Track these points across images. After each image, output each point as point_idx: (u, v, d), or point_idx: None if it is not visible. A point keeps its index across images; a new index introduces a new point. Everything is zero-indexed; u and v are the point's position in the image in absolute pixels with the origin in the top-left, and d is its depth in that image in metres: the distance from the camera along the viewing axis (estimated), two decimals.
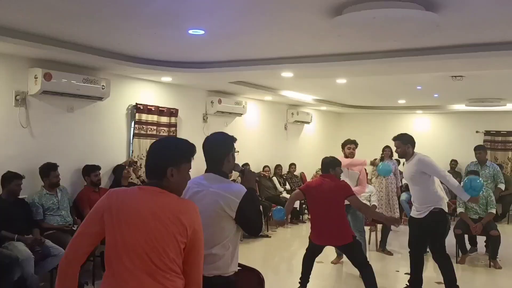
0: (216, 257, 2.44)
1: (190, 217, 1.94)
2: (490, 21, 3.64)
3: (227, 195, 2.43)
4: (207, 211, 2.43)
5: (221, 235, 2.45)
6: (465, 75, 6.33)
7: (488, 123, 10.91)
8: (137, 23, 3.94)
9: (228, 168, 2.60)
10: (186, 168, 2.04)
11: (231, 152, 2.62)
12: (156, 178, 1.99)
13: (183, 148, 2.06)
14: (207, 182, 2.54)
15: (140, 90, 6.62)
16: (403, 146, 4.80)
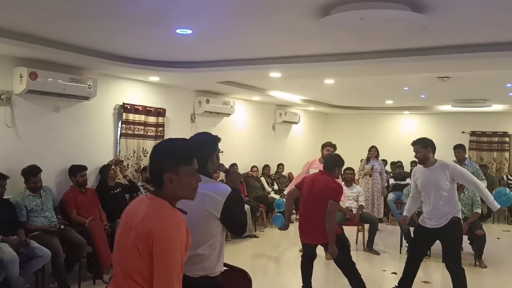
0: (202, 257, 2.43)
1: (155, 223, 1.81)
2: (476, 22, 3.68)
3: (212, 195, 2.42)
4: (192, 211, 2.40)
5: (207, 235, 2.44)
6: (451, 76, 6.40)
7: (474, 124, 11.05)
8: (123, 22, 3.91)
9: (212, 168, 2.60)
10: (186, 171, 1.92)
11: (215, 152, 2.62)
12: (156, 185, 1.92)
13: (179, 149, 1.95)
14: None
15: (127, 90, 6.57)
16: (423, 151, 4.47)
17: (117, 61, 5.32)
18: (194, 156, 1.96)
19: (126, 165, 6.36)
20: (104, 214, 5.61)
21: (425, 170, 4.51)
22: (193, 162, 1.95)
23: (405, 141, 12.38)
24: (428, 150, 4.48)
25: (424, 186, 4.52)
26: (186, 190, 1.96)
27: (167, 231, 1.81)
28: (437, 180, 4.40)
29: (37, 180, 5.00)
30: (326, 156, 4.73)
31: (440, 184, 4.39)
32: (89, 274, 5.28)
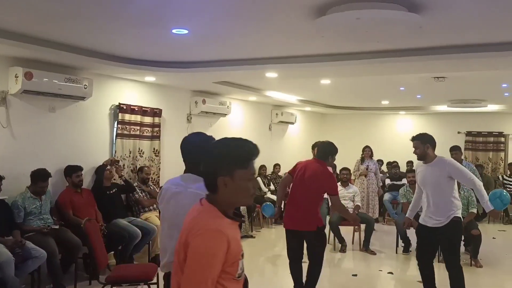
0: None
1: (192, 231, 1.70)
2: (472, 23, 3.69)
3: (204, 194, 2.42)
4: (186, 211, 2.40)
5: None
6: (447, 76, 6.42)
7: (470, 124, 11.09)
8: (119, 22, 3.90)
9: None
10: (242, 175, 1.73)
11: None
12: (209, 190, 1.78)
13: (235, 151, 1.75)
14: (185, 182, 2.52)
15: (123, 90, 6.55)
16: (421, 146, 4.43)
17: (113, 61, 5.30)
18: (251, 159, 1.76)
19: (122, 165, 6.34)
20: (100, 215, 5.59)
21: (425, 166, 4.44)
22: (249, 165, 1.76)
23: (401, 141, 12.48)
24: (427, 146, 4.42)
25: (423, 183, 4.47)
26: (242, 195, 1.77)
27: (199, 239, 1.65)
28: (436, 177, 4.34)
29: (44, 185, 5.01)
30: (320, 144, 4.69)
31: (439, 180, 4.31)
32: (85, 274, 5.26)
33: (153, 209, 6.25)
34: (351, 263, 6.61)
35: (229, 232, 1.69)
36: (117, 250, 5.55)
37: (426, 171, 4.42)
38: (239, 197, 1.76)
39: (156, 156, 6.95)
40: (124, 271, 4.43)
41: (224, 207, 1.76)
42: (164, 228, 2.60)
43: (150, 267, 4.48)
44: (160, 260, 2.60)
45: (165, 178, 6.81)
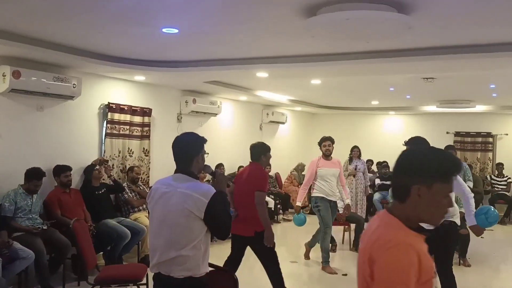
0: (186, 258, 2.42)
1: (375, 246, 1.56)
2: (461, 23, 3.72)
3: (195, 195, 2.41)
4: (175, 211, 2.43)
5: (190, 236, 2.43)
6: (436, 77, 6.46)
7: (458, 124, 11.18)
8: (109, 20, 3.87)
9: (197, 169, 2.59)
10: (441, 189, 1.55)
11: (201, 153, 2.61)
12: (398, 197, 1.62)
13: (438, 162, 1.57)
14: (175, 182, 2.52)
15: (113, 89, 6.50)
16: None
17: (102, 60, 5.26)
18: (453, 174, 1.59)
19: (111, 165, 6.30)
20: (88, 215, 5.55)
21: None
22: (450, 181, 1.57)
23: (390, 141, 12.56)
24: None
25: None
26: (434, 211, 1.58)
27: (388, 254, 1.50)
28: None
29: (39, 183, 5.01)
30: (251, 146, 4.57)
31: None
32: (74, 275, 5.22)
33: (143, 209, 6.22)
34: (341, 262, 6.62)
35: (419, 246, 1.55)
36: (106, 251, 5.51)
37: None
38: (429, 212, 1.58)
39: (146, 156, 6.91)
40: (113, 271, 4.41)
41: (408, 218, 1.59)
42: (153, 228, 2.58)
43: (139, 267, 4.46)
44: (150, 261, 2.58)
45: (154, 178, 6.77)
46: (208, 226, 2.45)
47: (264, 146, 4.55)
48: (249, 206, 4.27)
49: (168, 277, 2.44)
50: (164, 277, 2.45)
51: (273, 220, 9.22)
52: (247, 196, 4.27)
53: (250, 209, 4.26)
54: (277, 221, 9.32)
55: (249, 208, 4.27)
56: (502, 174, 10.29)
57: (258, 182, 4.31)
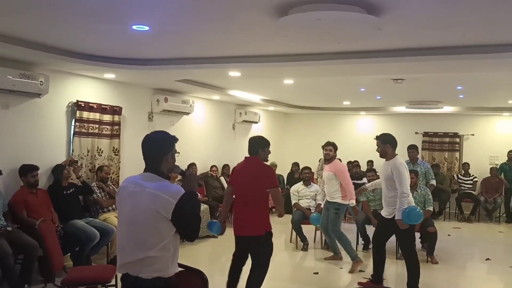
0: (155, 259, 2.38)
1: None
2: (428, 26, 3.80)
3: (163, 196, 2.37)
4: (143, 212, 2.39)
5: (158, 236, 2.39)
6: (405, 78, 6.59)
7: (426, 125, 11.44)
8: (77, 16, 3.78)
9: (166, 168, 2.54)
10: None
11: (170, 152, 2.56)
12: None
13: None
14: (144, 181, 2.48)
15: (82, 87, 6.36)
16: (382, 145, 4.93)
17: (70, 57, 5.14)
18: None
19: (79, 165, 6.17)
20: (56, 215, 5.42)
21: (384, 163, 4.99)
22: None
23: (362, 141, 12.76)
24: (387, 145, 4.91)
25: (380, 176, 5.11)
26: None
27: None
28: (385, 174, 4.88)
29: None
30: (249, 140, 4.47)
31: (387, 178, 4.83)
32: (40, 277, 5.09)
33: (112, 210, 6.11)
34: (313, 261, 6.68)
35: None
36: (74, 252, 5.40)
37: (383, 168, 4.97)
38: None
39: (116, 155, 6.79)
40: (81, 273, 4.33)
41: None
42: (121, 228, 2.55)
43: (108, 268, 4.38)
44: (117, 261, 2.54)
45: (125, 177, 6.64)
46: (176, 228, 2.41)
47: (263, 139, 4.45)
48: (258, 204, 4.23)
49: (136, 278, 2.40)
50: (132, 278, 2.41)
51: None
52: (256, 194, 4.19)
53: (259, 207, 4.22)
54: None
55: (258, 207, 4.22)
56: (468, 174, 10.58)
57: (271, 178, 4.29)
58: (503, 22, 3.60)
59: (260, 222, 4.25)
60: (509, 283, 5.95)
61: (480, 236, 8.84)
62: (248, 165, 4.39)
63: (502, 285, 5.91)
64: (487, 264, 6.53)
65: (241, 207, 4.34)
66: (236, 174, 4.52)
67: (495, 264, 6.53)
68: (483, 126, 11.03)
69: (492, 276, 6.12)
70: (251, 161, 4.39)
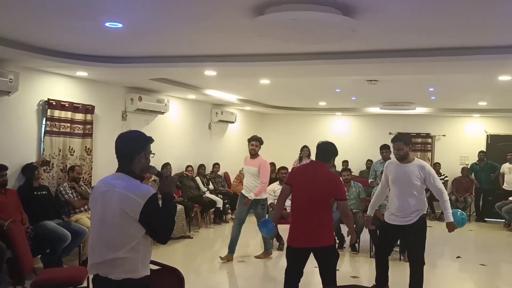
0: (124, 260, 2.34)
1: None
2: (402, 28, 3.86)
3: (131, 196, 2.32)
4: (111, 212, 2.35)
5: (127, 237, 2.34)
6: (379, 79, 6.68)
7: (400, 125, 11.62)
8: (49, 13, 3.68)
9: (138, 168, 2.48)
10: None
11: (143, 151, 2.50)
12: None
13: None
14: (114, 181, 2.43)
15: (53, 85, 6.21)
16: (405, 148, 4.46)
17: (41, 54, 5.01)
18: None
19: (51, 164, 6.03)
20: (26, 216, 5.28)
21: (400, 165, 4.52)
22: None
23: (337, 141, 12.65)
24: (409, 147, 4.51)
25: (395, 181, 4.55)
26: None
27: None
28: (408, 177, 4.44)
29: None
30: (321, 144, 4.11)
31: (412, 182, 4.43)
32: (9, 279, 4.95)
33: (84, 210, 5.99)
34: None
35: None
36: (44, 254, 5.27)
37: (402, 170, 4.49)
38: None
39: (88, 155, 6.66)
40: (52, 275, 4.23)
41: None
42: (93, 228, 2.51)
43: (80, 270, 4.30)
44: (88, 261, 2.50)
45: (97, 178, 6.55)
46: (145, 229, 2.36)
47: (336, 148, 4.11)
48: (324, 212, 3.88)
49: (106, 278, 2.36)
50: (102, 279, 2.37)
51: (221, 220, 9.19)
52: (322, 202, 3.87)
53: (324, 216, 3.88)
54: (225, 221, 9.30)
55: (324, 215, 3.88)
56: (440, 173, 10.80)
57: (341, 190, 3.99)
58: (473, 26, 3.69)
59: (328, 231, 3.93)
60: (479, 280, 6.10)
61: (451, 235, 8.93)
62: (316, 170, 4.01)
63: (472, 283, 6.05)
64: (458, 262, 6.67)
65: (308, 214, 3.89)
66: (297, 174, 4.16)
67: (465, 262, 6.68)
68: (454, 127, 11.29)
69: (463, 274, 6.26)
70: (320, 167, 4.02)
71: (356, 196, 7.27)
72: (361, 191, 7.32)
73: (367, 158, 11.20)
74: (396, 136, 4.75)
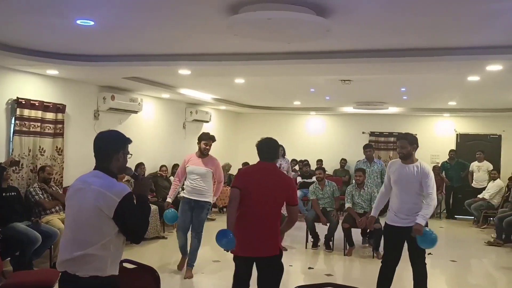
0: (93, 257, 2.36)
1: None
2: (374, 29, 3.91)
3: (107, 193, 2.36)
4: (86, 209, 2.38)
5: (99, 234, 2.36)
6: (353, 79, 6.77)
7: (373, 125, 11.83)
8: (17, 9, 3.58)
9: (116, 167, 2.53)
10: None
11: (121, 151, 2.54)
12: None
13: None
14: (91, 179, 2.47)
15: (22, 83, 6.05)
16: (409, 147, 4.37)
17: (10, 52, 4.88)
18: None
19: (20, 165, 5.87)
20: None
21: (403, 165, 4.42)
22: None
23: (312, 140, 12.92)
24: (413, 147, 4.40)
25: (397, 181, 4.44)
26: None
27: None
28: (409, 178, 4.34)
29: None
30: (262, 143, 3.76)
31: (413, 183, 4.33)
32: None
33: (56, 211, 5.85)
34: None
35: None
36: (14, 256, 5.13)
37: (404, 171, 4.39)
38: None
39: (59, 155, 6.51)
40: (22, 278, 4.14)
41: None
42: (67, 225, 2.54)
43: (50, 273, 4.22)
44: (57, 258, 2.51)
45: (69, 178, 6.42)
46: (118, 227, 2.39)
47: (277, 142, 3.80)
48: (273, 219, 3.55)
49: (74, 276, 2.36)
50: (70, 276, 2.37)
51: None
52: (273, 207, 3.54)
53: (273, 224, 3.55)
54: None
55: (272, 222, 3.55)
56: None
57: (296, 194, 3.69)
58: (442, 27, 3.77)
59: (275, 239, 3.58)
60: (450, 276, 6.25)
61: None
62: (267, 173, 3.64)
63: (443, 278, 6.19)
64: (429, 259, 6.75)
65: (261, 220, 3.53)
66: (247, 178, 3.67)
67: (436, 258, 6.82)
68: (425, 126, 11.54)
69: (434, 270, 6.38)
70: (271, 168, 3.68)
71: (330, 195, 7.34)
72: (335, 190, 7.40)
73: (341, 157, 11.35)
74: (402, 134, 4.68)
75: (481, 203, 9.56)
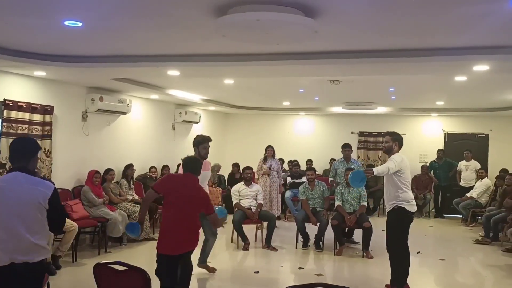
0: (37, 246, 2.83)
1: None
2: (363, 30, 3.94)
3: (41, 189, 2.86)
4: (27, 204, 2.81)
5: (42, 225, 2.87)
6: (341, 80, 6.80)
7: (362, 125, 11.90)
8: (4, 10, 3.54)
9: (33, 168, 2.99)
10: None
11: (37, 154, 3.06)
12: None
13: None
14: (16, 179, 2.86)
15: (9, 85, 5.98)
16: (391, 142, 5.06)
17: None
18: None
19: (7, 167, 5.79)
20: None
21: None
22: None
23: (301, 140, 12.95)
24: (395, 143, 5.07)
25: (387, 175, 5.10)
26: None
27: None
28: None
29: None
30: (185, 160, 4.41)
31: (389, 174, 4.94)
32: None
33: None
34: (253, 260, 6.72)
35: None
36: None
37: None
38: None
39: (48, 157, 6.45)
40: None
41: None
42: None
43: None
44: None
45: (57, 179, 6.36)
46: (48, 217, 2.87)
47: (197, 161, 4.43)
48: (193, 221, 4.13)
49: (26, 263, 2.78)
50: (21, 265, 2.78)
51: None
52: (191, 213, 4.10)
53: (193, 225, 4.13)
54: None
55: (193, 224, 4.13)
56: None
57: (209, 205, 4.24)
58: (431, 28, 3.81)
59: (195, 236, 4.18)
60: (438, 274, 6.31)
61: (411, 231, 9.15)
62: (187, 184, 4.19)
63: (432, 277, 6.25)
64: (418, 257, 6.87)
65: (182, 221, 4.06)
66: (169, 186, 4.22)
67: (425, 257, 6.89)
68: (414, 126, 11.63)
69: (423, 269, 6.45)
70: (191, 181, 4.23)
71: (320, 195, 7.37)
72: (325, 190, 7.42)
73: (331, 157, 11.38)
74: (390, 131, 5.35)
75: (469, 202, 9.65)
